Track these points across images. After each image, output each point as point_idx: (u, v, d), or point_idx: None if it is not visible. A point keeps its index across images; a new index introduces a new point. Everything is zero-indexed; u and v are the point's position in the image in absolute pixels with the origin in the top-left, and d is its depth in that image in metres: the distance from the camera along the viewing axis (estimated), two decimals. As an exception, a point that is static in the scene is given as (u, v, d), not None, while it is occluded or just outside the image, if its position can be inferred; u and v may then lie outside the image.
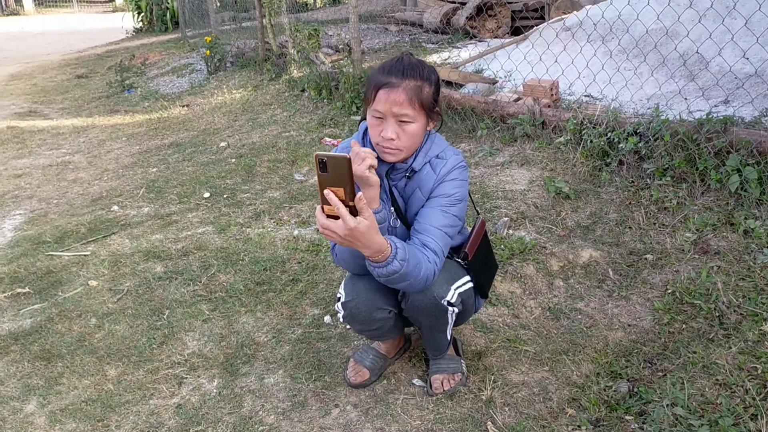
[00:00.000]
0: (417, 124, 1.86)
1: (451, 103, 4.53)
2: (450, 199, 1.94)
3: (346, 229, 1.57)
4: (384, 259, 1.71)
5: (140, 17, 16.66)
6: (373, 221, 1.61)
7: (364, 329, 2.18)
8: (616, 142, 3.41)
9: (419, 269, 1.80)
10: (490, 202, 3.47)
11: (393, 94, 1.82)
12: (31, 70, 12.38)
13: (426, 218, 1.92)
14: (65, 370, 2.61)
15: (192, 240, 3.65)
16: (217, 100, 7.38)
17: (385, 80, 1.84)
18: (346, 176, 1.50)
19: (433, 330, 2.16)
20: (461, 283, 2.10)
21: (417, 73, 1.85)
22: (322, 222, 1.58)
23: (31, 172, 5.57)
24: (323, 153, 1.50)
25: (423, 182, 1.96)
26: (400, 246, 1.74)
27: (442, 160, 1.97)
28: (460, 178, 1.97)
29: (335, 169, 1.50)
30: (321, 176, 1.53)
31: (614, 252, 2.97)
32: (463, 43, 7.77)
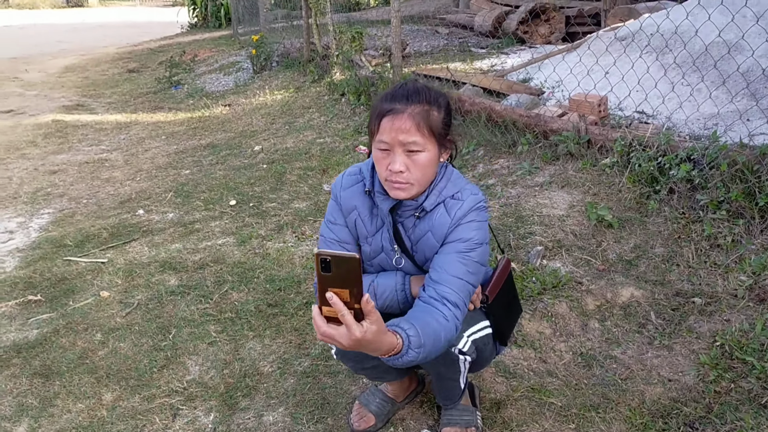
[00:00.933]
0: (427, 153, 1.64)
1: (492, 115, 4.27)
2: (468, 243, 1.70)
3: (351, 339, 1.32)
4: (398, 353, 1.47)
5: (195, 13, 16.84)
6: (380, 325, 1.36)
7: (359, 368, 1.98)
8: (668, 167, 3.11)
9: (438, 341, 1.56)
10: (525, 228, 3.21)
11: (398, 121, 1.61)
12: (85, 63, 12.60)
13: (443, 266, 1.68)
14: (62, 390, 2.49)
15: (211, 252, 3.51)
16: (258, 100, 7.28)
17: (388, 107, 1.63)
18: (354, 277, 1.27)
19: (442, 378, 1.95)
20: (477, 328, 1.87)
21: (423, 97, 1.64)
22: (322, 330, 1.33)
23: (67, 168, 5.56)
24: (326, 252, 1.26)
25: (436, 226, 1.74)
26: (412, 333, 1.48)
27: (458, 201, 1.73)
28: (479, 219, 1.73)
29: (341, 269, 1.26)
30: (323, 276, 1.28)
31: (658, 292, 2.69)
32: (513, 49, 7.48)
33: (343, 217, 1.86)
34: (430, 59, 7.39)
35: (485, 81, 5.09)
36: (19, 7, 30.00)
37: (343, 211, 1.85)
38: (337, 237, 1.86)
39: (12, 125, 7.38)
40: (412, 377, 2.26)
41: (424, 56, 7.66)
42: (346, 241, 1.86)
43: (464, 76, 5.49)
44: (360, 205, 1.83)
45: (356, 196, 1.83)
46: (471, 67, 6.54)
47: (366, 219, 1.83)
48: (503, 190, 3.63)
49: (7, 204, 4.68)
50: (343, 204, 1.85)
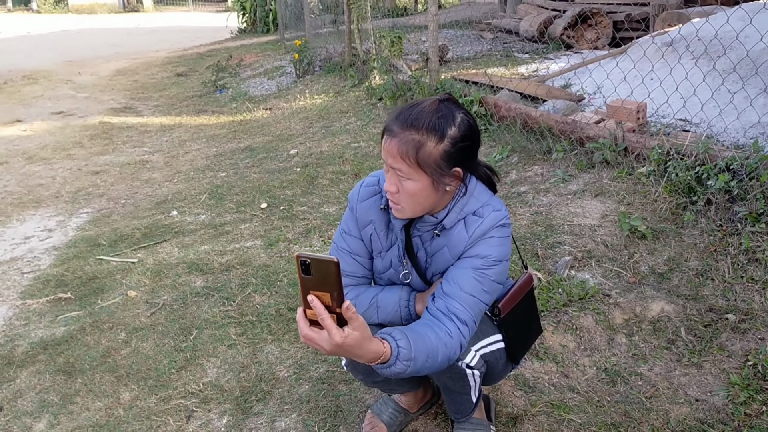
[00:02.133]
0: (414, 182, 1.55)
1: (527, 121, 4.19)
2: (485, 260, 1.62)
3: (332, 344, 1.29)
4: (385, 362, 1.42)
5: (244, 18, 17.10)
6: (364, 331, 1.32)
7: (369, 381, 1.93)
8: (705, 178, 2.99)
9: (435, 357, 1.50)
10: (554, 237, 3.12)
11: (388, 144, 1.54)
12: (136, 66, 12.92)
13: (457, 281, 1.61)
14: (82, 388, 2.52)
15: (238, 254, 3.52)
16: (298, 104, 7.33)
17: (389, 126, 1.56)
18: (333, 281, 1.25)
19: (450, 391, 1.89)
20: (486, 342, 1.80)
21: (423, 124, 1.52)
22: (304, 333, 1.31)
23: (110, 169, 5.69)
24: (306, 254, 1.26)
25: (452, 242, 1.66)
26: (403, 345, 1.43)
27: (479, 218, 1.64)
28: (499, 236, 1.64)
29: (320, 272, 1.25)
30: (303, 279, 1.28)
31: (690, 307, 2.57)
32: (557, 54, 7.34)
33: (358, 229, 1.80)
34: (471, 64, 7.32)
35: (522, 86, 5.00)
36: (77, 12, 31.03)
37: (358, 224, 1.80)
38: (349, 248, 1.81)
39: (61, 126, 7.61)
40: (427, 387, 2.21)
41: (466, 61, 7.59)
42: (357, 254, 1.81)
43: (503, 81, 5.40)
44: (376, 220, 1.77)
45: (372, 210, 1.77)
46: (512, 72, 6.45)
47: (381, 234, 1.77)
48: (535, 198, 3.54)
49: (49, 203, 4.81)
50: (359, 217, 1.79)
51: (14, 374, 2.65)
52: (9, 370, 2.68)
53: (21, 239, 4.13)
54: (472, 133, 1.59)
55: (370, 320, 1.76)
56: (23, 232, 4.26)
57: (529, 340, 1.97)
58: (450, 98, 1.61)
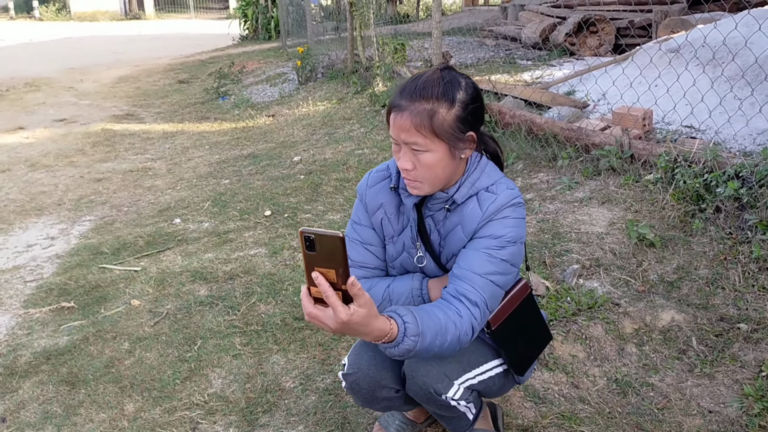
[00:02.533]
0: (432, 153, 1.53)
1: (532, 128, 4.17)
2: (499, 241, 1.58)
3: (337, 322, 1.27)
4: (392, 340, 1.39)
5: (246, 25, 17.13)
6: (370, 308, 1.30)
7: (367, 405, 1.87)
8: (714, 185, 2.96)
9: (445, 335, 1.46)
10: (561, 245, 3.09)
11: (399, 119, 1.52)
12: (138, 73, 12.92)
13: (467, 262, 1.57)
14: (86, 399, 2.49)
15: (242, 262, 3.49)
16: (301, 111, 7.31)
17: (396, 102, 1.54)
18: (339, 257, 1.22)
19: (443, 418, 1.84)
20: (477, 372, 1.73)
21: (431, 93, 1.51)
22: (309, 311, 1.29)
23: (112, 176, 5.67)
24: (310, 230, 1.23)
25: (466, 219, 1.62)
26: (409, 320, 1.41)
27: (492, 194, 1.61)
28: (513, 216, 1.60)
29: (325, 248, 1.23)
30: (308, 255, 1.25)
31: (701, 317, 2.54)
32: (560, 61, 7.33)
33: (369, 218, 1.77)
34: (474, 71, 7.30)
35: (527, 93, 4.98)
36: (79, 20, 31.10)
37: (368, 211, 1.77)
38: (361, 238, 1.78)
39: (64, 133, 7.60)
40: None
41: (468, 68, 7.58)
42: (370, 243, 1.78)
43: (507, 88, 5.39)
44: (386, 203, 1.74)
45: (383, 193, 1.75)
46: (515, 78, 6.43)
47: (392, 217, 1.74)
48: (541, 205, 3.52)
49: (52, 211, 4.79)
50: (368, 203, 1.77)
51: (17, 385, 2.62)
52: (12, 380, 2.65)
53: (23, 247, 4.10)
54: (478, 94, 1.60)
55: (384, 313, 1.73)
56: (26, 240, 4.23)
57: (535, 350, 1.89)
58: (448, 66, 1.62)
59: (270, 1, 15.95)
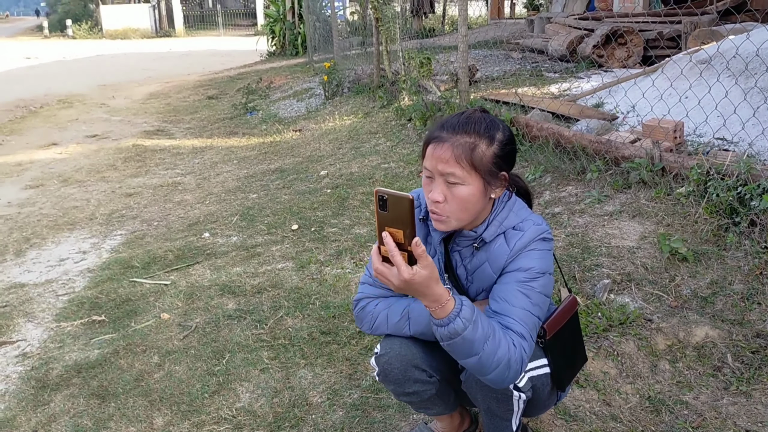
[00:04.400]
0: (468, 187, 1.58)
1: (560, 140, 4.13)
2: (529, 273, 1.61)
3: (400, 279, 1.37)
4: (444, 315, 1.43)
5: (274, 41, 17.33)
6: (432, 271, 1.38)
7: (400, 392, 1.87)
8: (748, 198, 2.90)
9: (495, 345, 1.47)
10: (591, 259, 3.05)
11: (439, 150, 1.57)
12: (168, 90, 13.14)
13: (503, 297, 1.60)
14: (116, 413, 2.51)
15: (269, 276, 3.51)
16: (327, 125, 7.36)
17: (436, 134, 1.60)
18: (407, 218, 1.33)
19: (493, 415, 1.82)
20: (535, 365, 1.74)
21: (473, 129, 1.58)
22: (376, 266, 1.40)
23: (143, 191, 5.75)
24: (384, 190, 1.34)
25: (493, 257, 1.66)
26: (467, 304, 1.45)
27: (519, 231, 1.66)
28: (540, 248, 1.65)
29: (396, 209, 1.34)
30: (380, 215, 1.37)
31: (736, 333, 2.48)
32: (587, 73, 7.27)
33: None
34: (500, 84, 7.29)
35: (554, 105, 4.95)
36: (111, 38, 31.81)
37: None
38: None
39: (96, 149, 7.74)
40: (464, 414, 2.15)
41: (495, 81, 7.56)
42: None
43: (533, 101, 5.36)
44: None
45: None
46: (542, 91, 6.40)
47: None
48: (570, 219, 3.48)
49: (84, 225, 4.86)
50: None
51: (49, 398, 2.65)
52: (44, 393, 2.68)
53: (56, 261, 4.17)
54: (513, 138, 1.68)
55: (401, 332, 1.75)
56: (58, 254, 4.30)
57: (576, 367, 1.91)
58: (485, 109, 1.70)
59: (297, 18, 16.13)
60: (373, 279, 1.81)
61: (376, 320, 1.79)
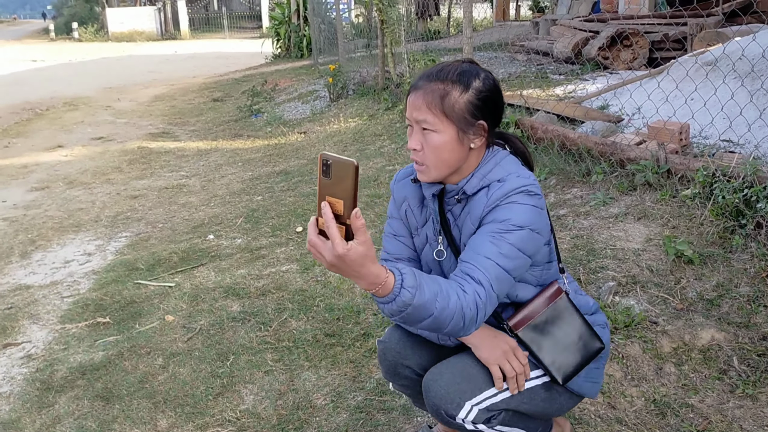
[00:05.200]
0: (440, 135, 1.54)
1: (565, 142, 4.12)
2: (503, 224, 1.52)
3: (333, 254, 1.23)
4: (388, 291, 1.32)
5: (279, 44, 17.35)
6: (368, 248, 1.25)
7: (391, 380, 1.90)
8: (755, 200, 2.88)
9: (446, 300, 1.38)
10: (596, 261, 3.04)
11: (412, 97, 1.58)
12: (173, 92, 13.17)
13: (472, 246, 1.54)
14: (120, 415, 2.51)
15: (274, 278, 3.51)
16: (332, 128, 7.36)
17: (414, 84, 1.61)
18: (349, 186, 1.20)
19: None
20: (488, 395, 1.61)
21: (446, 76, 1.57)
22: (310, 238, 1.27)
23: (148, 193, 5.76)
24: (330, 154, 1.21)
25: (473, 208, 1.60)
26: (407, 271, 1.34)
27: (501, 182, 1.58)
28: (521, 202, 1.54)
29: (338, 175, 1.21)
30: (322, 181, 1.23)
31: (743, 335, 2.46)
32: (593, 75, 7.26)
33: (397, 210, 1.83)
34: (505, 86, 7.28)
35: (559, 107, 4.93)
36: (117, 40, 31.90)
37: (396, 203, 1.83)
38: (393, 230, 1.83)
39: (101, 151, 7.76)
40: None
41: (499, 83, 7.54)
42: (401, 234, 1.82)
43: (538, 103, 5.35)
44: (410, 196, 1.78)
45: (406, 186, 1.80)
46: (547, 93, 6.39)
47: (416, 209, 1.77)
48: (575, 221, 3.47)
49: (89, 227, 4.88)
50: (395, 195, 1.83)
51: (53, 399, 2.65)
52: (48, 395, 2.68)
53: (61, 263, 4.18)
54: (496, 88, 1.61)
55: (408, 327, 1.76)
56: (63, 256, 4.32)
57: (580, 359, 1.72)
58: (474, 61, 1.66)
59: (302, 20, 16.15)
60: (388, 252, 1.82)
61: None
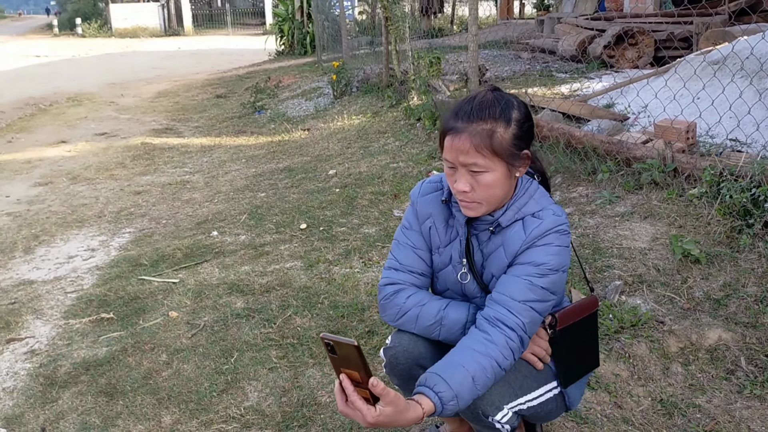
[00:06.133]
0: (493, 173, 1.55)
1: (571, 141, 4.10)
2: (540, 268, 1.57)
3: (365, 423, 1.34)
4: (433, 412, 1.43)
5: (282, 41, 17.35)
6: (396, 405, 1.34)
7: (404, 387, 1.84)
8: (762, 200, 2.87)
9: (483, 374, 1.48)
10: (603, 260, 3.02)
11: (457, 141, 1.53)
12: (177, 88, 13.16)
13: (506, 288, 1.58)
14: (124, 410, 2.50)
15: (278, 275, 3.49)
16: (336, 125, 7.35)
17: (451, 125, 1.56)
18: (357, 362, 1.31)
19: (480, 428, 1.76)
20: (528, 398, 1.68)
21: (488, 113, 1.54)
22: (341, 409, 1.37)
23: (151, 189, 5.75)
24: (329, 336, 1.31)
25: (508, 241, 1.62)
26: (443, 388, 1.44)
27: (537, 219, 1.61)
28: (557, 244, 1.59)
29: (344, 353, 1.31)
30: (332, 358, 1.35)
31: (750, 336, 2.45)
32: (597, 74, 7.24)
33: (419, 223, 1.80)
34: (510, 84, 7.26)
35: (565, 106, 4.92)
36: (121, 36, 31.91)
37: (418, 217, 1.80)
38: (411, 242, 1.80)
39: (105, 147, 7.76)
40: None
41: (504, 81, 7.55)
42: (418, 247, 1.80)
43: (544, 101, 5.33)
44: (436, 214, 1.77)
45: (433, 204, 1.77)
46: (552, 91, 6.37)
47: (441, 228, 1.76)
48: (581, 220, 3.45)
49: (92, 223, 4.87)
50: (419, 210, 1.80)
51: (57, 395, 2.64)
52: (52, 390, 2.68)
53: (65, 259, 4.18)
54: (529, 112, 1.63)
55: (431, 335, 1.73)
56: (67, 251, 4.31)
57: (583, 370, 1.84)
58: (497, 87, 1.65)
59: (306, 17, 16.13)
60: (399, 263, 1.79)
61: (404, 315, 1.74)
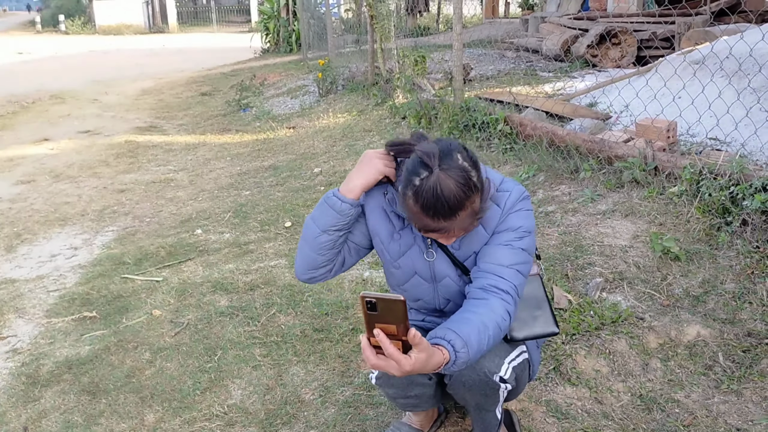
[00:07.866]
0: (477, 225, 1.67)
1: (554, 139, 4.13)
2: (517, 232, 1.70)
3: (402, 371, 1.38)
4: (448, 361, 1.48)
5: (268, 38, 17.28)
6: (427, 352, 1.40)
7: (399, 396, 1.92)
8: (741, 198, 2.91)
9: (485, 330, 1.54)
10: (584, 258, 3.06)
11: (451, 236, 1.63)
12: (161, 86, 13.07)
13: (493, 257, 1.69)
14: (107, 409, 2.50)
15: (262, 273, 3.50)
16: (321, 123, 7.34)
17: (435, 226, 1.57)
18: (401, 316, 1.34)
19: (480, 409, 1.84)
20: (515, 355, 1.81)
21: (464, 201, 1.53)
22: (372, 362, 1.39)
23: (135, 187, 5.72)
24: (371, 294, 1.33)
25: (486, 219, 1.70)
26: (452, 337, 1.49)
27: (505, 192, 1.73)
28: (527, 208, 1.74)
29: (387, 310, 1.34)
30: (369, 315, 1.36)
31: (728, 332, 2.49)
32: (581, 73, 7.29)
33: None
34: (495, 83, 7.29)
35: (548, 105, 4.95)
36: (104, 33, 31.63)
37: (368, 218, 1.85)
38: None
39: (88, 145, 7.70)
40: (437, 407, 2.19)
41: (489, 80, 7.57)
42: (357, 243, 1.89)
43: (527, 100, 5.36)
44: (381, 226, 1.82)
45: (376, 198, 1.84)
46: (536, 90, 6.40)
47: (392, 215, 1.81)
48: (563, 218, 3.48)
49: (75, 221, 4.84)
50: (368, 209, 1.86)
51: (39, 394, 2.64)
52: (34, 389, 2.67)
53: (47, 257, 4.15)
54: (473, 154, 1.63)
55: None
56: (49, 250, 4.28)
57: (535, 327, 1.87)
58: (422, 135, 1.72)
59: (291, 15, 16.08)
60: None
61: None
